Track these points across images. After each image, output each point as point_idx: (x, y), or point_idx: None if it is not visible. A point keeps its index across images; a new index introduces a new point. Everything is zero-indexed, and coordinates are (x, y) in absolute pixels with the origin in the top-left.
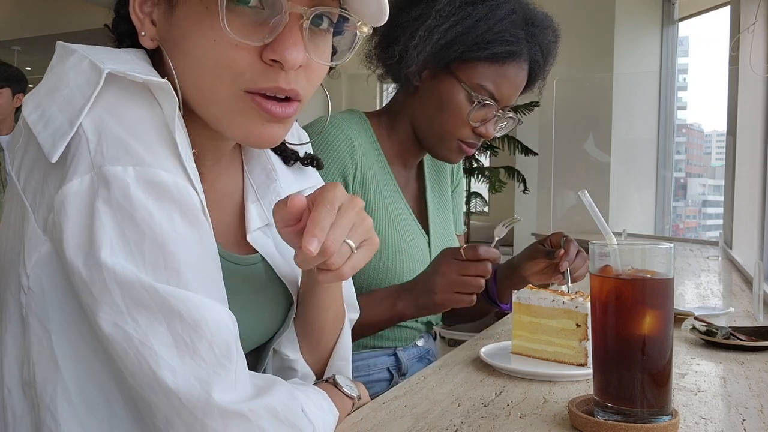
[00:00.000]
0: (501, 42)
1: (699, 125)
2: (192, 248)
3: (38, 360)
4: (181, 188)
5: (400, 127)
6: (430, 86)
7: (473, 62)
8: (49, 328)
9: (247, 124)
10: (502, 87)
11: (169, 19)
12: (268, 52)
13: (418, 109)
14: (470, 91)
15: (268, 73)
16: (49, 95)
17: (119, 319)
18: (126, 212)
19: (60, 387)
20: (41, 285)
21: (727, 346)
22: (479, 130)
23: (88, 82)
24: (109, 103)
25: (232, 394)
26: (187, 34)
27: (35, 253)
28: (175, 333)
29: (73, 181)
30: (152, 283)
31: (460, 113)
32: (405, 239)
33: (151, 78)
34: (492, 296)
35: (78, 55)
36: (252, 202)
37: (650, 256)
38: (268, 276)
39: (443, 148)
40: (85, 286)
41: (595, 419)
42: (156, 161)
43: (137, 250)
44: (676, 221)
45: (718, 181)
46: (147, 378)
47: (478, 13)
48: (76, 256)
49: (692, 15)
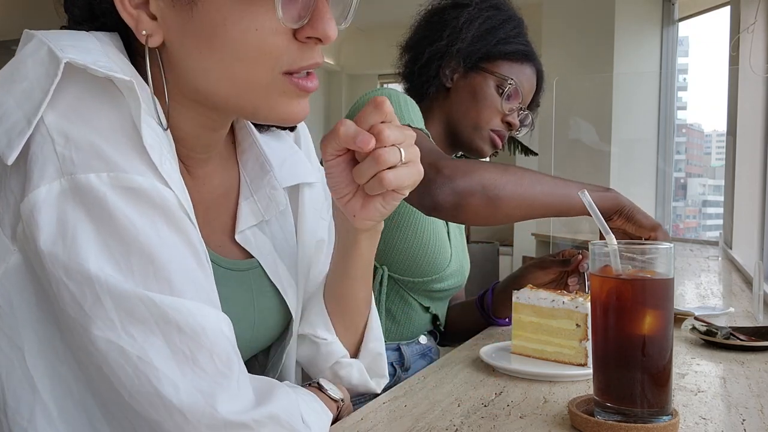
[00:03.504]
0: (519, 43)
1: (699, 125)
2: (180, 253)
3: (9, 380)
4: (160, 191)
5: (431, 127)
6: (462, 84)
7: (498, 60)
8: (21, 346)
9: (286, 104)
10: (523, 82)
11: (184, 13)
12: (306, 30)
13: (453, 106)
14: (501, 80)
15: (304, 51)
16: (5, 86)
17: (113, 334)
18: (106, 222)
19: (39, 407)
20: (10, 299)
21: (727, 346)
22: (508, 119)
23: (47, 73)
24: (74, 99)
25: (235, 404)
26: (221, 26)
27: (2, 264)
28: (173, 345)
29: (41, 187)
30: (146, 294)
31: (493, 101)
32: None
33: (114, 74)
34: (487, 310)
35: (36, 41)
36: (245, 198)
37: (650, 256)
38: (268, 281)
39: (478, 137)
40: (73, 300)
41: (595, 419)
42: (130, 165)
43: (124, 261)
44: (676, 221)
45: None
46: (148, 395)
47: (503, 15)
48: (57, 269)
49: (692, 15)
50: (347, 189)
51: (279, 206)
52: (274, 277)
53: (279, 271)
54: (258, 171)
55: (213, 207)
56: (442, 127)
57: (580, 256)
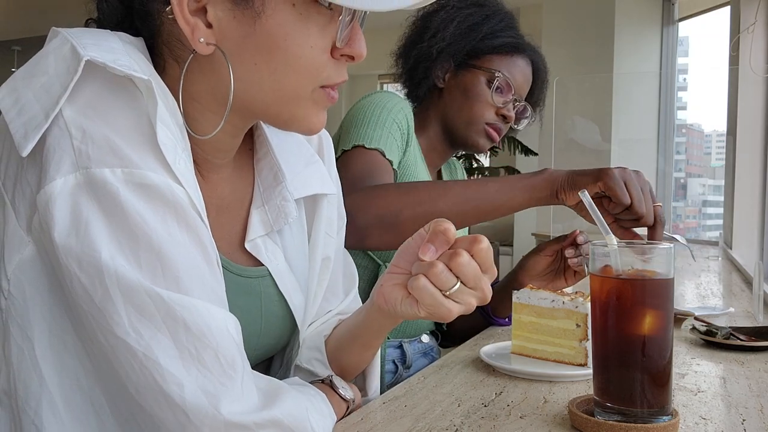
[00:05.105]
0: (507, 36)
1: (699, 125)
2: (189, 252)
3: (19, 369)
4: (173, 188)
5: (429, 128)
6: (454, 83)
7: (487, 55)
8: (32, 337)
9: (315, 114)
10: (515, 74)
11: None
12: (346, 49)
13: (447, 104)
14: (489, 74)
15: (339, 67)
16: (26, 80)
17: (121, 330)
18: (118, 217)
19: (45, 399)
20: (23, 290)
21: (727, 346)
22: (502, 111)
23: (68, 69)
24: (93, 96)
25: (238, 405)
26: (282, 41)
27: (17, 255)
28: (179, 343)
29: (56, 180)
30: (155, 289)
31: (484, 95)
32: None
33: (133, 73)
34: (487, 309)
35: (61, 38)
36: (256, 207)
37: (650, 256)
38: (276, 290)
39: (473, 132)
40: (85, 293)
41: (595, 419)
42: (144, 162)
43: (133, 255)
44: (676, 221)
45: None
46: (153, 392)
47: (486, 11)
48: (71, 261)
49: (692, 15)
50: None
51: (288, 218)
52: (283, 286)
53: (288, 281)
54: (271, 181)
55: (224, 212)
56: (440, 127)
57: (577, 231)
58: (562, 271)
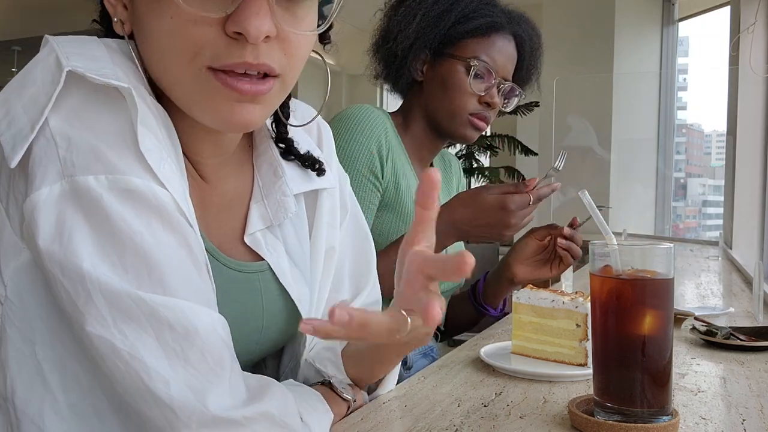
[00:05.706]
0: (480, 16)
1: (699, 125)
2: (175, 254)
3: (19, 372)
4: (156, 192)
5: (414, 124)
6: (431, 75)
7: (462, 41)
8: (33, 339)
9: (215, 106)
10: (494, 55)
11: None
12: (231, 23)
13: (428, 98)
14: (466, 62)
15: (232, 47)
16: (17, 91)
17: (105, 331)
18: (102, 223)
19: (48, 399)
20: (21, 295)
21: (727, 346)
22: (485, 98)
23: (52, 80)
24: (77, 104)
25: (226, 400)
26: (145, 14)
27: (13, 261)
28: (164, 343)
29: (42, 189)
30: (138, 293)
31: (463, 85)
32: None
33: (113, 81)
34: (478, 297)
35: (48, 48)
36: (255, 201)
37: (650, 256)
38: (277, 284)
39: (457, 124)
40: (68, 298)
41: (595, 419)
42: (128, 167)
43: (119, 261)
44: (676, 221)
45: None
46: (139, 391)
47: None
48: (54, 267)
49: (692, 15)
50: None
51: (288, 212)
52: (284, 280)
53: (290, 275)
54: (271, 176)
55: (225, 209)
56: (424, 121)
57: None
58: (550, 261)
